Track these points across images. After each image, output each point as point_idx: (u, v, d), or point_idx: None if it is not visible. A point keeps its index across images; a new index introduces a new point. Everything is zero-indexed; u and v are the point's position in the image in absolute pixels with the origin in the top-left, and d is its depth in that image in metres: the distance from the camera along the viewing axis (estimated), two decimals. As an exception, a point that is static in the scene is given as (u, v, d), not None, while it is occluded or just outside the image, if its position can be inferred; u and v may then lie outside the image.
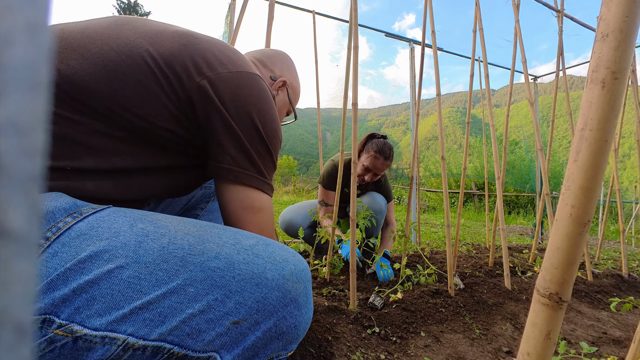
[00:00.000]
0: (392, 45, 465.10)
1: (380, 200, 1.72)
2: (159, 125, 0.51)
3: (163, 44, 0.52)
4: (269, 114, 0.57)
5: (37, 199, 0.09)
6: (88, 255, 0.39)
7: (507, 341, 1.04)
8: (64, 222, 0.41)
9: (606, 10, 0.26)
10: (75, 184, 0.46)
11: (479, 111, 4.64)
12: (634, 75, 1.93)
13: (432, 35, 1.44)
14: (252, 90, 0.56)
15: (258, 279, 0.42)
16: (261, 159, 0.56)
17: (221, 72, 0.54)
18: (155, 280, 0.40)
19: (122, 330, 0.38)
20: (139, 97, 0.49)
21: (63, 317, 0.37)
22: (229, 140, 0.53)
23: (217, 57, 0.55)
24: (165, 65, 0.50)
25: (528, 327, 0.31)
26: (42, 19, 0.09)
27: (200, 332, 0.40)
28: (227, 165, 0.53)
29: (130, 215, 0.44)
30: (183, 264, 0.41)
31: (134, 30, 0.52)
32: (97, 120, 0.47)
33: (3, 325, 0.08)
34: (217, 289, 0.41)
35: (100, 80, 0.47)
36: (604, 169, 0.27)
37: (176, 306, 0.39)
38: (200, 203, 0.94)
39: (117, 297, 0.38)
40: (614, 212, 6.21)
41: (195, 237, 0.44)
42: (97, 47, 0.49)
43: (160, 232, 0.43)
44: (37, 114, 0.09)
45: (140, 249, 0.41)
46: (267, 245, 0.47)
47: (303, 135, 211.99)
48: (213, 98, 0.52)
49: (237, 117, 0.53)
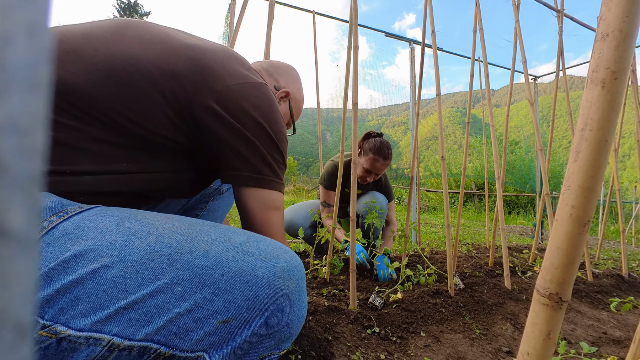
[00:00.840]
0: (392, 45, 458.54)
1: (382, 199, 1.72)
2: (160, 134, 0.51)
3: (169, 56, 0.52)
4: (277, 120, 0.60)
5: (37, 199, 0.09)
6: (72, 255, 0.38)
7: (507, 341, 1.04)
8: (49, 221, 0.40)
9: (606, 10, 0.26)
10: (74, 178, 0.46)
11: (479, 111, 4.64)
12: (634, 75, 1.93)
13: (432, 35, 1.44)
14: (260, 100, 0.58)
15: (248, 276, 0.42)
16: (276, 162, 0.60)
17: (229, 84, 0.55)
18: (141, 280, 0.39)
19: (107, 330, 0.37)
20: (142, 107, 0.49)
21: (47, 318, 0.36)
22: (245, 148, 0.56)
23: (224, 68, 0.56)
24: (171, 78, 0.51)
25: (528, 327, 0.31)
26: (42, 19, 0.09)
27: (188, 331, 0.39)
28: (247, 172, 0.56)
29: (118, 214, 0.44)
30: (170, 262, 0.40)
31: (138, 39, 0.52)
32: (97, 127, 0.48)
33: (3, 325, 0.08)
34: (205, 287, 0.40)
35: (103, 88, 0.47)
36: (604, 169, 0.27)
37: (163, 305, 0.39)
38: (200, 203, 0.94)
39: (102, 297, 0.38)
40: (614, 212, 6.21)
41: (183, 235, 0.43)
42: (101, 53, 0.49)
43: (147, 231, 0.42)
44: (37, 114, 0.09)
45: (126, 247, 0.40)
46: (258, 242, 0.46)
47: (303, 135, 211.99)
48: (221, 113, 0.54)
49: (250, 127, 0.56)
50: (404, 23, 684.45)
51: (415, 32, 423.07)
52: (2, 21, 0.08)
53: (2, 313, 0.08)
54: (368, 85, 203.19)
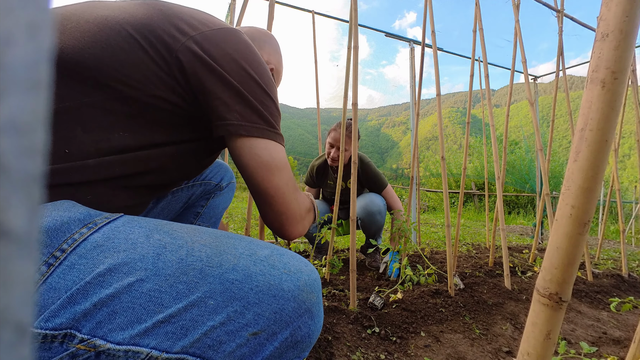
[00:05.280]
0: (393, 44, 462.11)
1: (378, 200, 1.72)
2: (150, 93, 0.49)
3: (138, 12, 0.51)
4: (260, 64, 0.57)
5: (37, 199, 0.09)
6: (107, 268, 0.39)
7: (507, 341, 1.04)
8: (80, 233, 0.41)
9: (606, 10, 0.26)
10: (77, 164, 0.46)
11: (479, 111, 4.64)
12: (634, 75, 1.93)
13: (432, 35, 1.44)
14: (239, 44, 0.55)
15: (275, 290, 0.43)
16: (266, 108, 0.55)
17: (204, 30, 0.53)
18: (176, 293, 0.40)
19: (145, 343, 0.38)
20: (125, 65, 0.48)
21: (85, 332, 0.37)
22: (230, 96, 0.52)
23: (195, 18, 0.54)
24: (147, 31, 0.49)
25: (528, 327, 0.31)
26: (42, 19, 0.09)
27: (221, 343, 0.40)
28: (236, 121, 0.52)
29: (146, 226, 0.44)
30: (202, 276, 0.41)
31: (106, 6, 0.52)
32: (86, 93, 0.47)
33: (3, 325, 0.08)
34: (236, 300, 0.41)
35: (84, 51, 0.46)
36: (604, 169, 0.27)
37: (197, 319, 0.40)
38: (201, 200, 0.94)
39: (139, 310, 0.38)
40: (614, 212, 6.21)
41: (212, 249, 0.44)
42: (74, 22, 0.48)
43: (178, 244, 0.43)
44: (37, 114, 0.09)
45: (159, 261, 0.41)
46: (281, 256, 0.47)
47: (303, 135, 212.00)
48: (203, 56, 0.51)
49: (232, 72, 0.52)
50: (405, 21, 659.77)
51: (416, 30, 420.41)
52: (2, 21, 0.08)
53: (2, 313, 0.08)
54: (368, 85, 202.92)
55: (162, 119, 0.52)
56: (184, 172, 0.63)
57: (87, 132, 0.47)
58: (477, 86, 10.86)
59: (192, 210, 0.93)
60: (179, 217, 0.92)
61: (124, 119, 0.49)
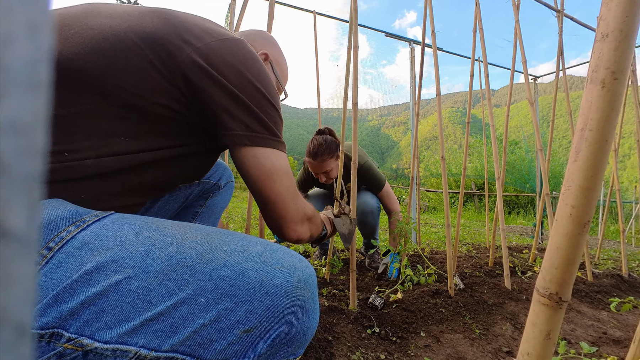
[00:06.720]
0: (393, 44, 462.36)
1: (371, 200, 1.68)
2: (153, 101, 0.49)
3: (143, 21, 0.51)
4: (264, 73, 0.57)
5: (37, 199, 0.09)
6: (94, 266, 0.38)
7: (507, 341, 1.04)
8: (67, 231, 0.40)
9: (606, 10, 0.26)
10: (74, 164, 0.45)
11: (479, 111, 4.64)
12: (634, 75, 1.93)
13: (432, 35, 1.44)
14: (243, 55, 0.56)
15: (267, 287, 0.42)
16: (270, 118, 0.56)
17: (209, 41, 0.53)
18: (165, 291, 0.39)
19: (134, 342, 0.37)
20: (129, 73, 0.48)
21: (72, 331, 0.36)
22: (235, 107, 0.53)
23: (200, 27, 0.54)
24: (152, 40, 0.50)
25: (528, 327, 0.31)
26: (42, 19, 0.09)
27: (212, 341, 0.40)
28: (241, 131, 0.53)
29: (135, 223, 0.44)
30: (192, 273, 0.41)
31: (111, 12, 0.52)
32: (88, 100, 0.47)
33: (3, 325, 0.08)
34: (228, 297, 0.41)
35: (87, 58, 0.46)
36: (604, 169, 0.27)
37: (187, 316, 0.39)
38: (199, 200, 0.94)
39: (127, 308, 0.38)
40: (614, 212, 6.21)
41: (203, 245, 0.43)
42: (77, 28, 0.48)
43: (167, 241, 0.42)
44: (37, 114, 0.09)
45: (147, 258, 0.40)
46: (274, 252, 0.47)
47: (303, 135, 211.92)
48: (208, 69, 0.51)
49: (237, 83, 0.53)
50: (405, 21, 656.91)
51: (416, 30, 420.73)
52: (2, 21, 0.08)
53: (2, 313, 0.08)
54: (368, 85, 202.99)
55: (164, 125, 0.52)
56: (183, 176, 0.63)
57: (89, 137, 0.47)
58: (477, 86, 10.84)
59: (191, 209, 0.93)
60: (177, 216, 0.92)
61: (126, 126, 0.49)
